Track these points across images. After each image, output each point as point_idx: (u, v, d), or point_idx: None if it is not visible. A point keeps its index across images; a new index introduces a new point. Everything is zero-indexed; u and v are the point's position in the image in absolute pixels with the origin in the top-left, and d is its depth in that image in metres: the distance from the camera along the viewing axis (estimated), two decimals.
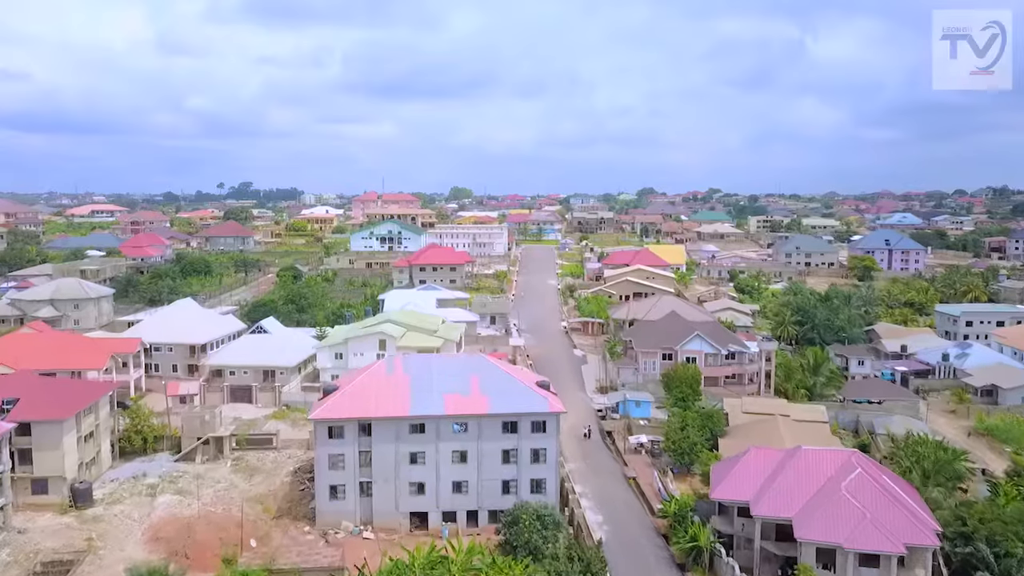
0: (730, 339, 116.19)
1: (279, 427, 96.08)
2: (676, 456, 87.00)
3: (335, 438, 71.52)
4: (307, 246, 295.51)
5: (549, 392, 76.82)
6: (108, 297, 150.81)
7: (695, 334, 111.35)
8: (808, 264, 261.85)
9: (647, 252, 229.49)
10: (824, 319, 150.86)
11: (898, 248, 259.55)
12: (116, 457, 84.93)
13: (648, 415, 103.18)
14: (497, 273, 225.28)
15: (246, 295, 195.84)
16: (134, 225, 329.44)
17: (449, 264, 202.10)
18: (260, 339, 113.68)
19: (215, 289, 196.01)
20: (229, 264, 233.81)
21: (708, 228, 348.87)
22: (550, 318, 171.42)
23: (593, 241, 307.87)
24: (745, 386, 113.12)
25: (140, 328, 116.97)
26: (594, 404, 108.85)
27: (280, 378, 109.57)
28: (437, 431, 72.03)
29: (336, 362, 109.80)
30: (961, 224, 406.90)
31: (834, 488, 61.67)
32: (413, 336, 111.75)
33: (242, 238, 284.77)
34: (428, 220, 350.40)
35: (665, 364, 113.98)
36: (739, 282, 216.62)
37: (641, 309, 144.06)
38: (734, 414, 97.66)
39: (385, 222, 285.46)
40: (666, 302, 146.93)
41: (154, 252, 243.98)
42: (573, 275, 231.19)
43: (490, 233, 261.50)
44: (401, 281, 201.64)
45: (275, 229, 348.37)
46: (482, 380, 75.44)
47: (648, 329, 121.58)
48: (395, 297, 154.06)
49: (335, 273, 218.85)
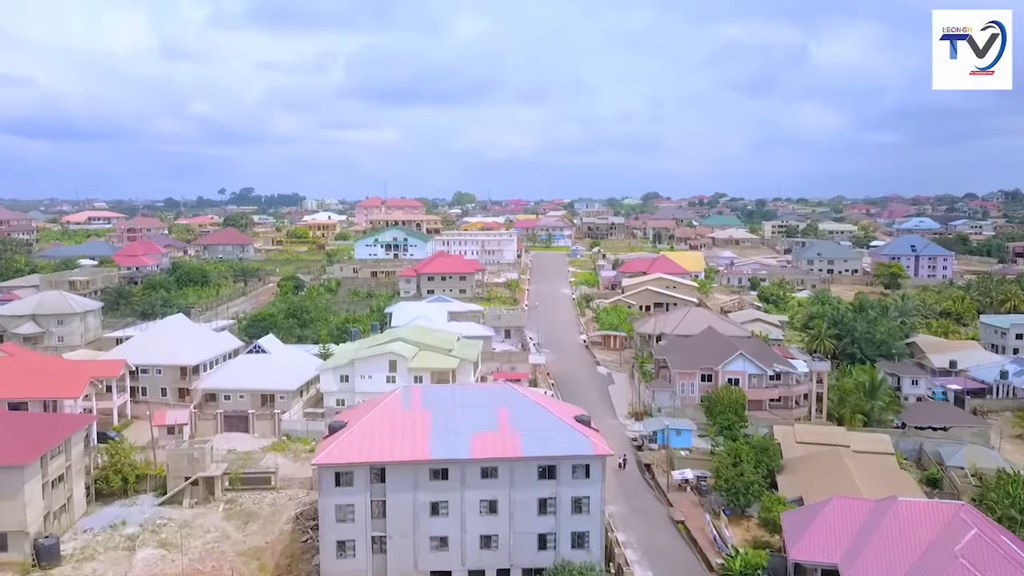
0: (775, 358, 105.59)
1: (278, 461, 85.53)
2: (729, 497, 76.39)
3: (343, 486, 60.89)
4: (309, 254, 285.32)
5: (590, 428, 66.29)
6: (95, 311, 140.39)
7: (738, 353, 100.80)
8: (830, 271, 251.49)
9: (665, 259, 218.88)
10: (864, 332, 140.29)
11: (924, 254, 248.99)
12: (92, 501, 74.39)
13: (689, 444, 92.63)
14: (508, 282, 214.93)
15: (245, 307, 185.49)
16: (130, 232, 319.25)
17: (459, 273, 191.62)
18: (258, 360, 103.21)
19: (212, 300, 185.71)
20: (228, 273, 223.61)
21: (722, 233, 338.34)
22: (567, 331, 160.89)
23: (604, 247, 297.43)
24: (792, 410, 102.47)
25: (126, 348, 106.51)
26: (628, 432, 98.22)
27: (280, 403, 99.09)
28: (462, 477, 61.41)
29: (342, 385, 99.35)
30: (980, 228, 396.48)
31: (945, 553, 51.03)
32: (426, 356, 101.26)
33: (241, 246, 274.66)
34: (433, 226, 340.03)
35: (704, 386, 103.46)
36: (762, 290, 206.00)
37: (669, 322, 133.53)
38: (787, 444, 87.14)
39: (390, 228, 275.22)
40: (696, 315, 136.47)
41: (150, 261, 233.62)
42: (587, 283, 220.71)
43: (499, 240, 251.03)
44: (408, 291, 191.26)
45: (276, 236, 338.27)
46: (513, 414, 64.89)
47: (683, 347, 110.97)
48: (403, 310, 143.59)
49: (339, 282, 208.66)
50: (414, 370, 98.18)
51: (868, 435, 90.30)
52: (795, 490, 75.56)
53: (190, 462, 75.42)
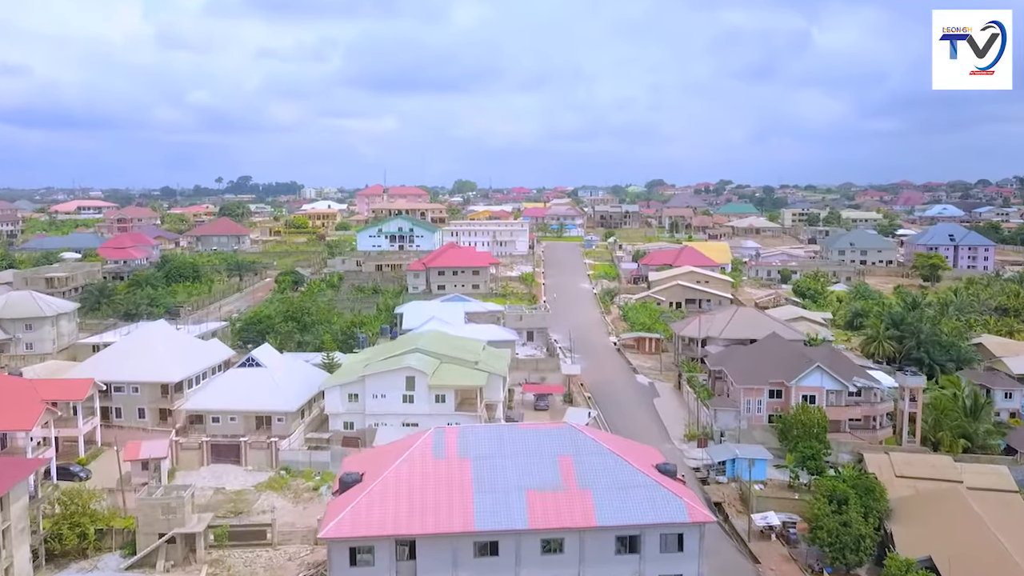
0: (854, 370, 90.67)
1: (275, 503, 70.77)
2: (833, 553, 61.68)
3: (361, 566, 46.05)
4: (308, 245, 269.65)
5: (679, 481, 51.42)
6: (70, 314, 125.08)
7: (815, 365, 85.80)
8: (863, 262, 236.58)
9: (691, 251, 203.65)
10: (931, 334, 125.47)
11: (964, 244, 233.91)
12: (41, 566, 59.52)
13: (764, 477, 77.88)
14: (523, 275, 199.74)
15: (240, 305, 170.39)
16: (121, 223, 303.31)
17: (472, 267, 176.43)
18: (251, 375, 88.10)
19: (204, 298, 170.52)
20: (221, 267, 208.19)
21: (741, 222, 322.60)
22: (594, 332, 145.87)
23: (620, 237, 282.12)
24: (876, 432, 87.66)
25: (97, 361, 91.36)
26: (687, 459, 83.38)
27: (277, 427, 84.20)
28: (517, 553, 46.59)
29: (350, 405, 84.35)
30: (1007, 216, 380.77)
31: None
32: (449, 370, 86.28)
33: (237, 237, 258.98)
34: (439, 215, 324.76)
35: (772, 403, 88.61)
36: (797, 284, 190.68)
37: (715, 324, 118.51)
38: (885, 478, 72.49)
39: (394, 218, 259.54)
40: (745, 316, 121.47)
41: (138, 254, 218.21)
42: (608, 277, 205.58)
43: (512, 230, 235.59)
44: (416, 287, 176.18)
45: (274, 226, 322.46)
46: (579, 465, 50.01)
47: (744, 356, 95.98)
48: (415, 311, 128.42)
49: (341, 277, 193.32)
50: (435, 388, 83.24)
51: (981, 466, 75.57)
52: (919, 546, 60.77)
53: (165, 514, 60.53)
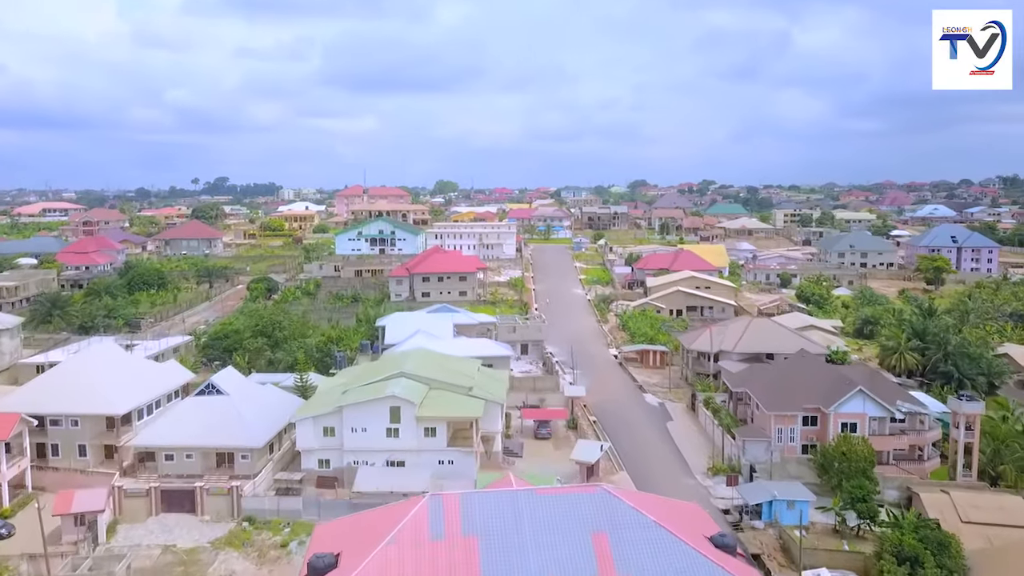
0: (897, 393, 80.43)
1: (234, 567, 59.21)
2: None
3: None
4: (284, 249, 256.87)
5: (739, 559, 40.58)
6: (12, 329, 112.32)
7: (857, 389, 75.43)
8: (863, 265, 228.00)
9: (689, 254, 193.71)
10: (960, 345, 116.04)
11: (967, 246, 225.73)
12: None
13: (807, 521, 67.34)
14: (512, 280, 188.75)
15: (208, 315, 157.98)
16: (87, 226, 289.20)
17: (458, 272, 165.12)
18: (211, 404, 76.31)
19: (169, 308, 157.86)
20: (190, 273, 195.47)
21: (733, 223, 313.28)
22: (591, 343, 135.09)
23: (609, 239, 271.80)
24: (923, 463, 77.50)
25: (33, 389, 79.08)
26: (714, 499, 72.73)
27: (241, 465, 72.56)
28: None
29: (326, 441, 72.90)
30: (999, 216, 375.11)
31: None
32: (439, 399, 75.04)
33: (208, 240, 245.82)
34: (421, 217, 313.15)
35: (806, 431, 78.20)
36: (800, 289, 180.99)
37: (728, 336, 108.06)
38: (948, 523, 62.25)
39: (375, 220, 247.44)
40: (760, 327, 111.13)
41: (101, 259, 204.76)
42: (601, 282, 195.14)
43: (499, 233, 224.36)
44: (400, 294, 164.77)
45: (248, 229, 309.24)
46: (617, 546, 38.97)
47: (770, 377, 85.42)
48: (398, 323, 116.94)
49: (318, 283, 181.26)
50: (424, 420, 71.98)
51: None
52: None
53: None
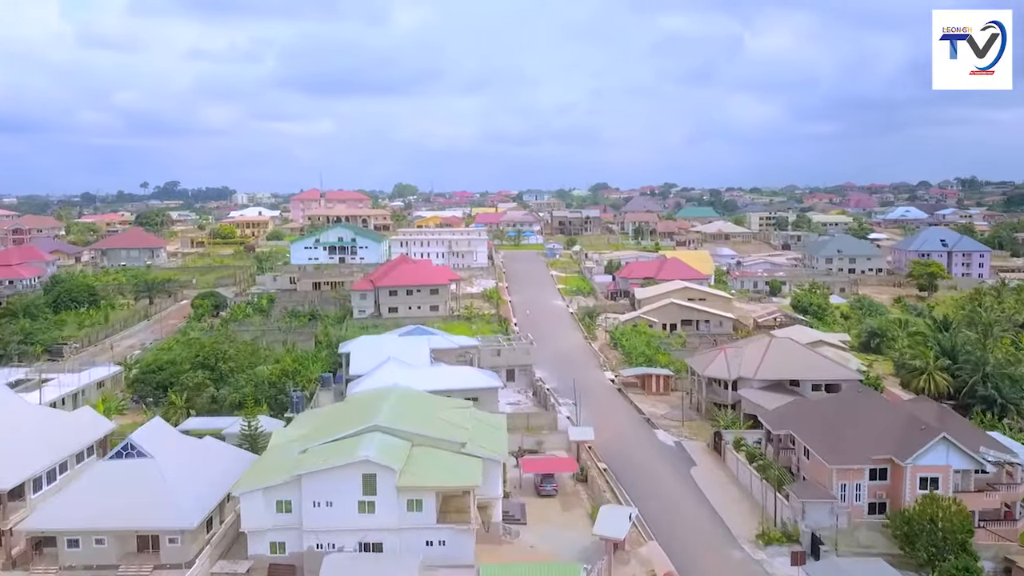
0: (979, 438, 66.69)
1: None
2: None
3: None
4: (235, 258, 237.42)
5: None
6: None
7: (940, 436, 61.40)
8: (851, 271, 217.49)
9: (675, 261, 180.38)
10: (998, 365, 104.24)
11: (958, 250, 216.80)
12: None
13: None
14: (486, 292, 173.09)
15: (146, 336, 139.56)
16: (16, 235, 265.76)
17: (429, 285, 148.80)
18: (131, 471, 59.31)
19: (99, 329, 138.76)
20: (129, 287, 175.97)
21: (709, 227, 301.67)
22: (582, 365, 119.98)
23: (584, 245, 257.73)
24: (1015, 524, 63.85)
25: None
26: None
27: (169, 551, 55.85)
28: None
29: (279, 518, 56.35)
30: (971, 217, 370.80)
31: None
32: (425, 460, 58.90)
33: (151, 250, 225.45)
34: (383, 222, 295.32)
35: (873, 487, 64.04)
36: (797, 298, 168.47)
37: (747, 360, 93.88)
38: None
39: (333, 226, 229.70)
40: (781, 348, 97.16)
41: (27, 272, 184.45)
42: (582, 292, 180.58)
43: (469, 240, 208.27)
44: (364, 310, 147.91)
45: (197, 236, 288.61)
46: None
47: (822, 417, 71.01)
48: (365, 349, 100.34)
49: (272, 298, 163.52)
50: (407, 491, 55.94)
51: None
52: None
53: None
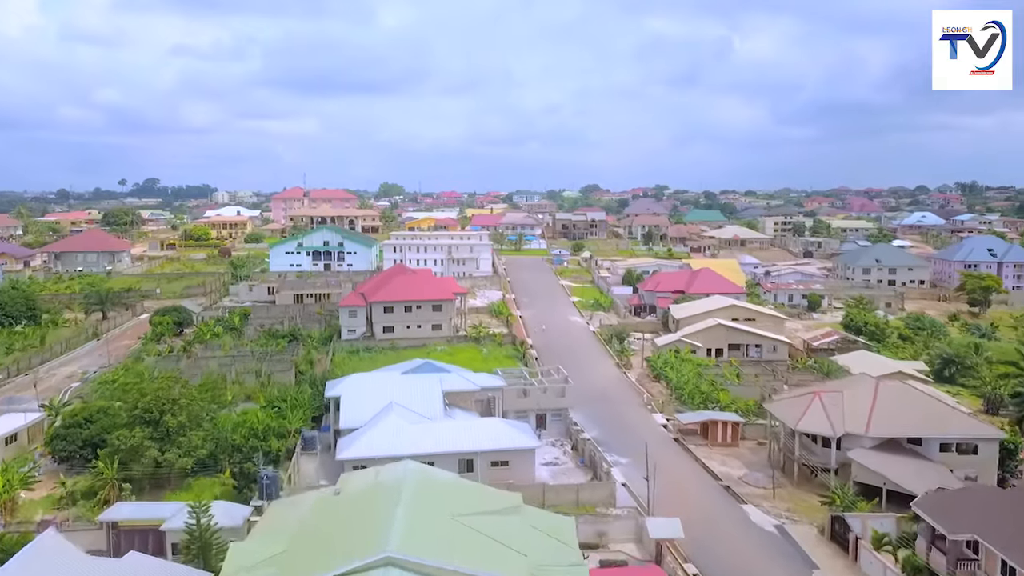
0: None
1: None
2: None
3: None
4: (208, 263, 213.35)
5: None
6: None
7: None
8: (892, 283, 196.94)
9: (709, 272, 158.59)
10: None
11: (1008, 260, 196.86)
12: None
13: None
14: (493, 306, 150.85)
15: (92, 361, 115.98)
16: None
17: (431, 300, 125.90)
18: None
19: (32, 353, 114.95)
20: (80, 299, 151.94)
21: (723, 233, 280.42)
22: (623, 403, 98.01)
23: (592, 251, 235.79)
24: None
25: None
26: None
27: None
28: None
29: None
30: (990, 224, 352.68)
31: None
32: None
33: (112, 254, 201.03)
34: (372, 224, 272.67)
35: None
36: (851, 316, 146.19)
37: (852, 410, 72.32)
38: None
39: (318, 229, 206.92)
40: (894, 394, 75.57)
41: None
42: (601, 307, 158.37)
43: (472, 245, 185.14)
44: (353, 329, 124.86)
45: (168, 238, 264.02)
46: None
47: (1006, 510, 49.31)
48: (358, 392, 77.57)
49: (246, 313, 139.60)
50: None
51: None
52: None
53: None
